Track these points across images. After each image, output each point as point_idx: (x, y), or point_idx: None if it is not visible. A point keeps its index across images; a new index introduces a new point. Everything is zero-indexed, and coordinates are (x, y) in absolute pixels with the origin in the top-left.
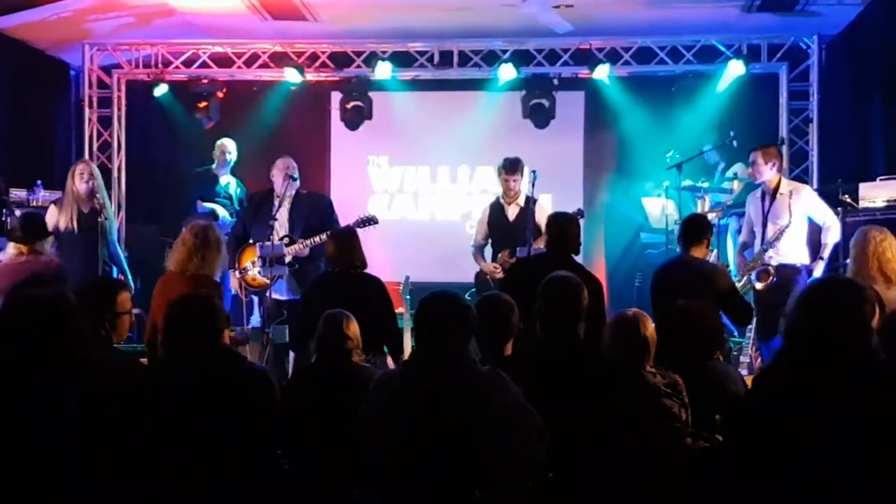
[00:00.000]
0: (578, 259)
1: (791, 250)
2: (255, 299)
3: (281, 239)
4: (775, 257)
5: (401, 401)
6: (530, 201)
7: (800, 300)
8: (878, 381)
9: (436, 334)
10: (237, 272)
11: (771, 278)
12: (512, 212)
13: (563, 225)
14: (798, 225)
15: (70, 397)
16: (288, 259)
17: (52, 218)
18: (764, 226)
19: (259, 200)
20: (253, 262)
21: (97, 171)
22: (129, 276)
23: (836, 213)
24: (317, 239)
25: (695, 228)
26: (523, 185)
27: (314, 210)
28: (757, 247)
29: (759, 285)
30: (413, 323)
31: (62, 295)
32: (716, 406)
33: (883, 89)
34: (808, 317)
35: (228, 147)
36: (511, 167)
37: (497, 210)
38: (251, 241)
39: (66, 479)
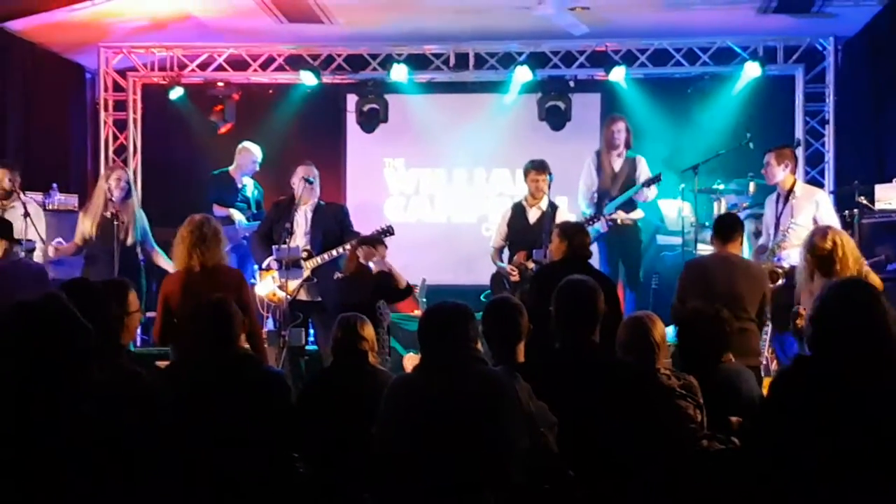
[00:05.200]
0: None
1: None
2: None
3: (302, 255)
4: (788, 260)
5: (414, 404)
6: (551, 206)
7: (818, 304)
8: None
9: (440, 346)
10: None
11: (780, 279)
12: (533, 215)
13: (573, 234)
14: (811, 227)
15: (79, 402)
16: (306, 273)
17: (81, 225)
18: (776, 228)
19: (282, 208)
20: (273, 279)
21: (128, 176)
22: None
23: (853, 215)
24: (334, 252)
25: (729, 223)
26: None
27: (335, 219)
28: (769, 252)
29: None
30: (417, 336)
31: (56, 298)
32: (729, 407)
33: None
34: (826, 319)
35: (255, 155)
36: (541, 165)
37: (519, 212)
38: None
39: (78, 484)
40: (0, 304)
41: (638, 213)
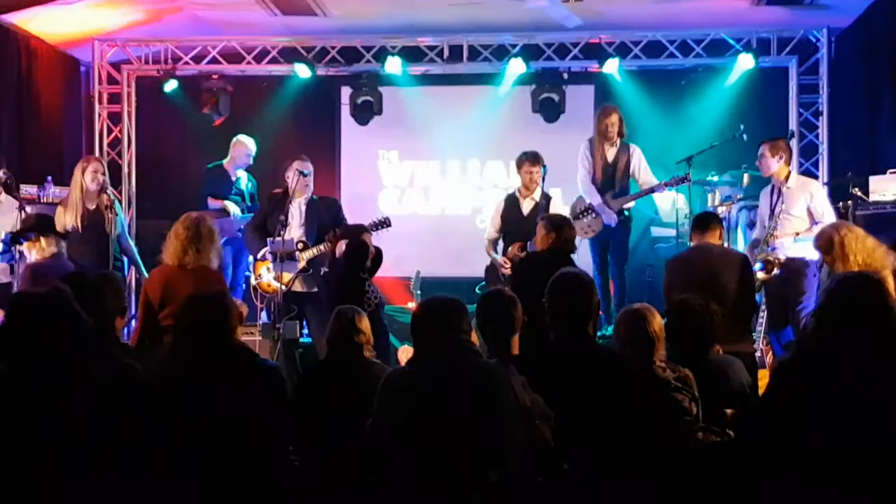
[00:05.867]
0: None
1: (799, 244)
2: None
3: (297, 247)
4: (781, 249)
5: (409, 397)
6: (545, 197)
7: (823, 296)
8: None
9: (434, 341)
10: (253, 277)
11: (775, 270)
12: (526, 206)
13: (561, 227)
14: (805, 217)
15: (80, 396)
16: (302, 264)
17: (60, 218)
18: (772, 219)
19: (276, 201)
20: (268, 269)
21: (105, 167)
22: (144, 270)
23: (847, 207)
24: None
25: (704, 216)
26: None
27: (329, 212)
28: (762, 242)
29: (761, 275)
30: (411, 330)
31: (61, 292)
32: (719, 397)
33: (893, 82)
34: (832, 316)
35: (250, 148)
36: (535, 157)
37: (512, 204)
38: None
39: (76, 477)
40: None
41: (629, 203)
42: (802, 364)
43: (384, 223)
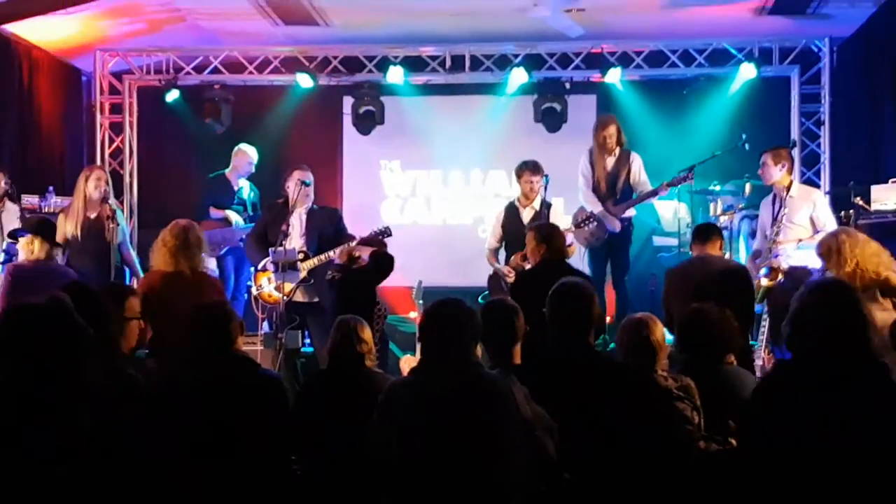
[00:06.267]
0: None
1: (802, 251)
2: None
3: (299, 257)
4: (784, 257)
5: (411, 408)
6: (545, 205)
7: (795, 304)
8: (880, 384)
9: (441, 341)
10: (254, 287)
11: (780, 277)
12: (527, 215)
13: (550, 236)
14: (808, 226)
15: (76, 409)
16: (303, 274)
17: (61, 227)
18: (774, 227)
19: (277, 211)
20: (269, 279)
21: (108, 177)
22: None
23: (849, 216)
24: (331, 254)
25: (705, 227)
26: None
27: (330, 222)
28: (765, 249)
29: (766, 282)
30: (417, 331)
31: (60, 301)
32: (728, 409)
33: (894, 91)
34: (805, 325)
35: (252, 157)
36: (535, 166)
37: (512, 213)
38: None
39: (77, 486)
40: None
41: (630, 211)
42: (779, 377)
43: (385, 232)
